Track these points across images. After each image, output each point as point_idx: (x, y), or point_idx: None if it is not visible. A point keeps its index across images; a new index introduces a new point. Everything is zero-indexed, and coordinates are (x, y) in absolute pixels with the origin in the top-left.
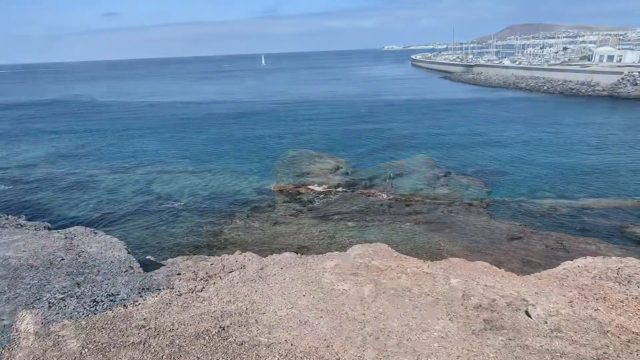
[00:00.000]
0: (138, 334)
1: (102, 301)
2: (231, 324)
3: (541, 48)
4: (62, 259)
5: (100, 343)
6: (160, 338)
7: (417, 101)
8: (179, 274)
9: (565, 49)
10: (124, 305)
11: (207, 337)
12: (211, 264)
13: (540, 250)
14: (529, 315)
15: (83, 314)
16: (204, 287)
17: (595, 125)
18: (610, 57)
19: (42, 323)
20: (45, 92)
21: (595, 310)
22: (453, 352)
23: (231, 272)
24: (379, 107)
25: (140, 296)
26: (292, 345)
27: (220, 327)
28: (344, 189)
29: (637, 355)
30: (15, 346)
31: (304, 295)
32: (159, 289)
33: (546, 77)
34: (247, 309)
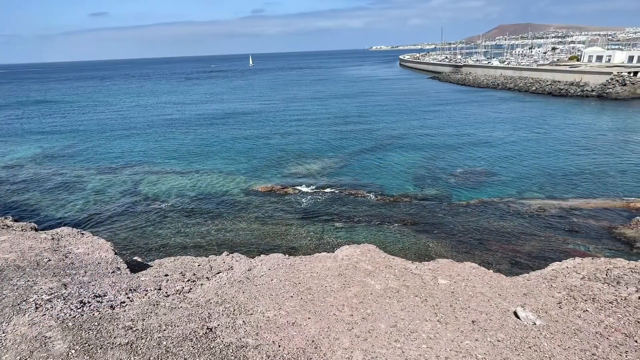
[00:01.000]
0: (125, 335)
1: (89, 302)
2: (218, 325)
3: (530, 48)
4: (49, 260)
5: (87, 344)
6: (147, 339)
7: (405, 102)
8: (166, 275)
9: (554, 49)
10: (111, 307)
11: (194, 339)
12: (199, 265)
13: (528, 251)
14: (517, 317)
15: (70, 315)
16: (191, 288)
17: (584, 126)
18: (599, 58)
19: (28, 324)
20: (32, 93)
21: (584, 311)
22: (441, 354)
23: (219, 273)
24: (367, 107)
25: (128, 297)
26: (279, 346)
27: (208, 329)
28: (332, 190)
29: (626, 356)
30: (2, 347)
31: (291, 297)
32: (146, 290)
33: (535, 77)
34: (234, 310)
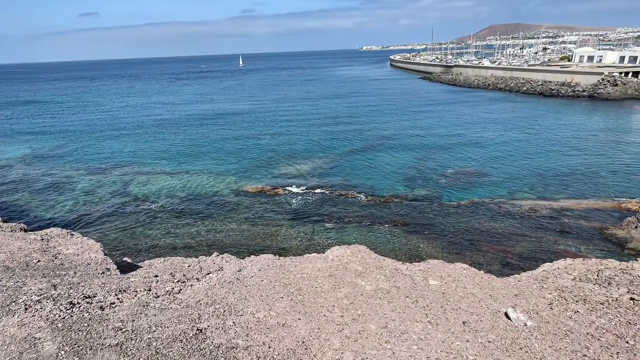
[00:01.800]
0: (115, 336)
1: (78, 303)
2: (208, 326)
3: (521, 48)
4: (39, 261)
5: (76, 345)
6: (137, 340)
7: (395, 102)
8: (156, 276)
9: (545, 49)
10: (101, 308)
11: (184, 340)
12: (188, 266)
13: (519, 252)
14: (508, 317)
15: (59, 316)
16: (181, 289)
17: (575, 126)
18: (591, 58)
19: (18, 325)
20: (21, 93)
21: (575, 312)
22: (432, 355)
23: (209, 273)
24: (358, 108)
25: (117, 298)
26: (269, 347)
27: (198, 330)
28: (322, 190)
29: (617, 357)
30: None
31: (282, 298)
32: (136, 291)
33: (526, 77)
34: (224, 311)
